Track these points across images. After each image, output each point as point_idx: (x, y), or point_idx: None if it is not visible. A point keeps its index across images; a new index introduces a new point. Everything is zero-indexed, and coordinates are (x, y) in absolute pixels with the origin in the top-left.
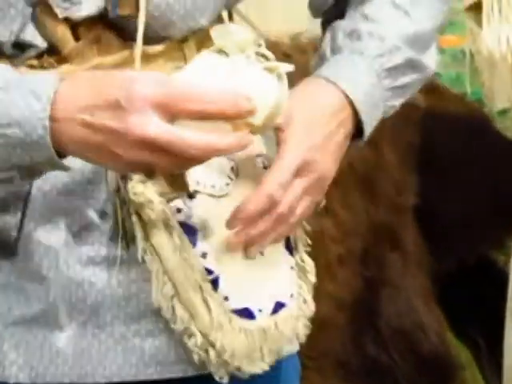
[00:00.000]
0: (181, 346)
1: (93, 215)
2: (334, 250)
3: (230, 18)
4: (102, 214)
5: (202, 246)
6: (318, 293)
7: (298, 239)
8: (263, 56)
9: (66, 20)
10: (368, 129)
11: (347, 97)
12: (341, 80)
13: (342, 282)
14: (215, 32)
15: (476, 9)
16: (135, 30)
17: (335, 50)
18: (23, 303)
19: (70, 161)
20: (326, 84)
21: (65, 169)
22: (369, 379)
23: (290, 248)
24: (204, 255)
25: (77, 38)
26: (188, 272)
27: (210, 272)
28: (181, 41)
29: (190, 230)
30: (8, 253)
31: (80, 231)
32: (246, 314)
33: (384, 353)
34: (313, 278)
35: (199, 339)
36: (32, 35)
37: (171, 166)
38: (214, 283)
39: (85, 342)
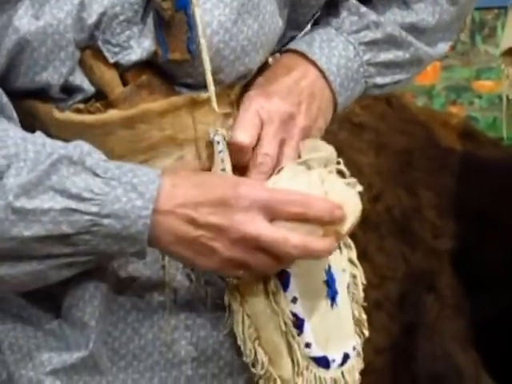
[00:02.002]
0: None
1: (137, 262)
2: (370, 294)
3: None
4: (146, 262)
5: (293, 290)
6: None
7: (356, 295)
8: (340, 172)
9: (115, 65)
10: (341, 99)
11: (318, 68)
12: (314, 53)
13: (379, 327)
14: (303, 146)
15: None
16: (182, 76)
17: (314, 24)
18: (64, 351)
19: None
20: (298, 57)
21: (142, 258)
22: None
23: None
24: (294, 300)
25: (124, 82)
26: (274, 316)
27: (296, 317)
28: (227, 87)
29: (286, 275)
30: (53, 300)
31: (125, 278)
32: (324, 362)
33: None
34: (367, 333)
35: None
36: (80, 79)
37: (265, 267)
38: (299, 328)
39: None
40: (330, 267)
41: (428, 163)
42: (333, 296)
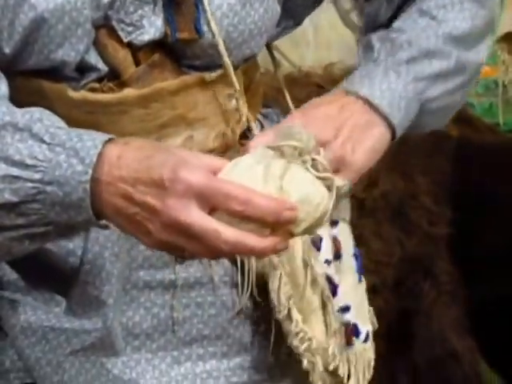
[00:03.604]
0: (230, 371)
1: None
2: (367, 279)
3: (268, 48)
4: None
5: (325, 253)
6: None
7: None
8: (320, 164)
9: (128, 44)
10: (396, 121)
11: (360, 97)
12: (352, 86)
13: (375, 312)
14: (279, 131)
15: (508, 39)
16: (191, 57)
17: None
18: (81, 332)
19: None
20: (338, 92)
21: (103, 228)
22: None
23: None
24: (328, 262)
25: (136, 62)
26: (311, 275)
27: (330, 280)
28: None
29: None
30: (67, 282)
31: (137, 256)
32: (355, 330)
33: (416, 382)
34: (376, 325)
35: (314, 343)
36: (95, 58)
37: (201, 254)
38: (333, 292)
39: (139, 368)
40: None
41: (424, 149)
42: (360, 272)
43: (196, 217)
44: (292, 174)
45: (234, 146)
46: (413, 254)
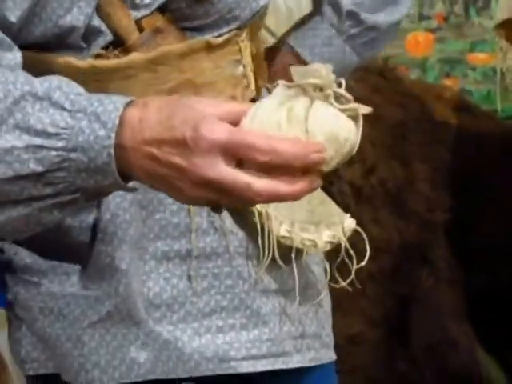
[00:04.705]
0: (250, 343)
1: (167, 209)
2: (365, 266)
3: None
4: (173, 210)
5: None
6: (350, 309)
7: None
8: (342, 96)
9: (133, 7)
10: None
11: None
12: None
13: (374, 299)
14: (295, 71)
15: (506, 26)
16: (195, 18)
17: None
18: (95, 302)
19: None
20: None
21: (131, 191)
22: None
23: None
24: None
25: (140, 29)
26: None
27: None
28: (236, 35)
29: None
30: (81, 255)
31: (153, 226)
32: None
33: (414, 369)
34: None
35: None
36: (99, 23)
37: (236, 203)
38: None
39: (161, 339)
40: None
41: (422, 136)
42: None
43: (224, 172)
44: (316, 113)
45: None
46: (411, 241)
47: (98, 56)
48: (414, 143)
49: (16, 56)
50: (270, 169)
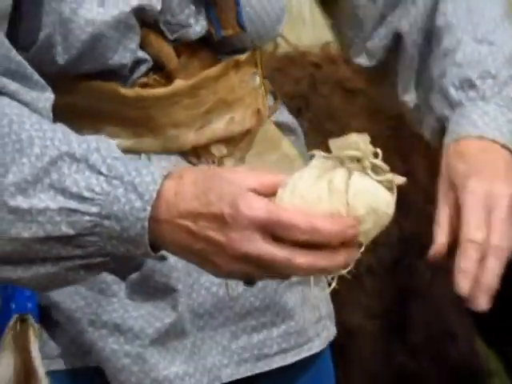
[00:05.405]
0: (280, 338)
1: None
2: (364, 259)
3: None
4: None
5: None
6: (349, 302)
7: None
8: (379, 167)
9: (172, 41)
10: None
11: (497, 143)
12: (484, 131)
13: (373, 292)
14: (333, 143)
15: None
16: (227, 46)
17: (454, 106)
18: (152, 319)
19: None
20: (477, 140)
21: (160, 259)
22: None
23: None
24: None
25: (178, 54)
26: None
27: None
28: (254, 49)
29: None
30: (130, 272)
31: None
32: None
33: (413, 361)
34: None
35: None
36: (142, 54)
37: (274, 277)
38: None
39: (205, 346)
40: None
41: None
42: None
43: (264, 247)
44: (356, 186)
45: (265, 120)
46: (410, 233)
47: (142, 84)
48: (412, 135)
49: (50, 97)
50: (309, 244)
